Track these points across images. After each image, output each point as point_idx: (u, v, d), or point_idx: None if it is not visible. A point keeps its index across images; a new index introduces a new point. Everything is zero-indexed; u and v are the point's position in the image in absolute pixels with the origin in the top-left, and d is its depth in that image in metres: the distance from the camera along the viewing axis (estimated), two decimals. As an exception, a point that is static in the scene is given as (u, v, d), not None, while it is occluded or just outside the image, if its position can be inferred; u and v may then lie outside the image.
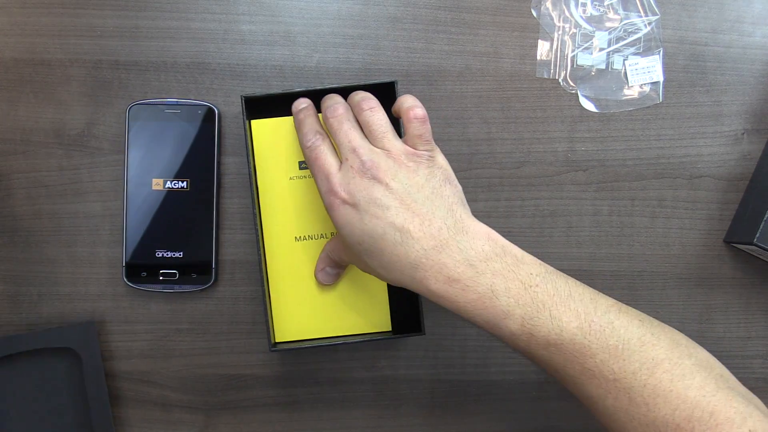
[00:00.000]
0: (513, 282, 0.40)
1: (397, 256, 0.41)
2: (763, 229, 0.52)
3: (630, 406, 0.38)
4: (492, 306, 0.40)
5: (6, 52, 0.54)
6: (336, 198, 0.42)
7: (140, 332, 0.55)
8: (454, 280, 0.40)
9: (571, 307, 0.40)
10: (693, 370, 0.38)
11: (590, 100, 0.57)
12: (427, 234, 0.41)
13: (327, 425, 0.56)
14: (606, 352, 0.39)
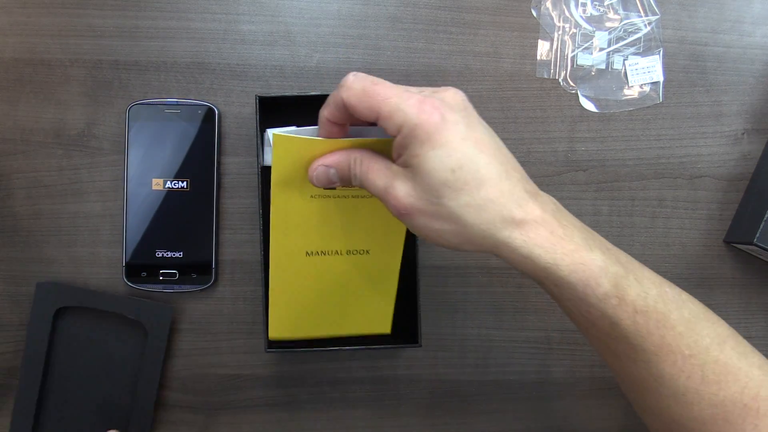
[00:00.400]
0: (596, 239, 0.37)
1: (499, 192, 0.35)
2: (763, 229, 0.52)
3: (701, 385, 0.37)
4: (589, 260, 0.36)
5: (6, 52, 0.54)
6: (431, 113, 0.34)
7: (140, 332, 0.55)
8: (551, 231, 0.35)
9: (646, 274, 0.38)
10: (751, 348, 0.39)
11: (590, 100, 0.57)
12: (523, 178, 0.36)
13: (327, 425, 0.56)
14: (683, 324, 0.37)
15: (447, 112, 0.35)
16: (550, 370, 0.57)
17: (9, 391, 0.54)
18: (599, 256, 0.36)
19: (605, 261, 0.36)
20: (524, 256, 0.35)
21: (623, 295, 0.36)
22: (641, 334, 0.36)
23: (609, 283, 0.36)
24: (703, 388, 0.37)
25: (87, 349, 0.54)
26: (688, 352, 0.37)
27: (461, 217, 0.35)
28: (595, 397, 0.57)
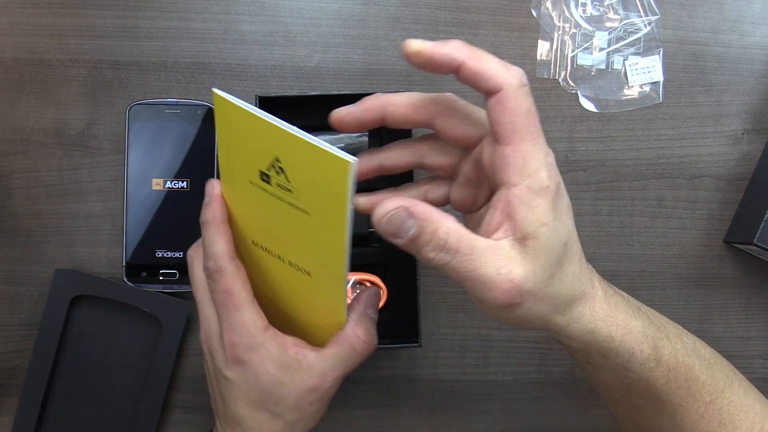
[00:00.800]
0: (633, 304, 0.37)
1: (579, 268, 0.33)
2: (763, 229, 0.52)
3: (719, 428, 0.39)
4: (634, 327, 0.35)
5: (6, 52, 0.54)
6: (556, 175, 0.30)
7: (140, 332, 0.55)
8: (605, 300, 0.34)
9: (669, 328, 0.38)
10: (747, 383, 0.41)
11: (590, 100, 0.57)
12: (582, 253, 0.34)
13: (327, 425, 0.56)
14: (704, 373, 0.38)
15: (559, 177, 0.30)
16: (550, 370, 0.57)
17: (10, 390, 0.54)
18: (640, 322, 0.36)
19: (644, 326, 0.36)
20: (588, 331, 0.34)
21: (659, 357, 0.36)
22: (671, 390, 0.37)
23: (649, 348, 0.36)
24: (720, 430, 0.39)
25: (99, 340, 0.54)
26: (709, 398, 0.38)
27: (558, 294, 0.31)
28: (595, 398, 0.57)
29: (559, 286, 0.31)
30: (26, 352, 0.53)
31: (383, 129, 0.55)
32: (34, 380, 0.52)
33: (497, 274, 0.29)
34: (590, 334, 0.34)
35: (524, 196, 0.29)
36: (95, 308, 0.54)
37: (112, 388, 0.54)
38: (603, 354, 0.35)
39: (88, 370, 0.54)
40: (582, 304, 0.33)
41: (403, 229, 0.30)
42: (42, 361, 0.52)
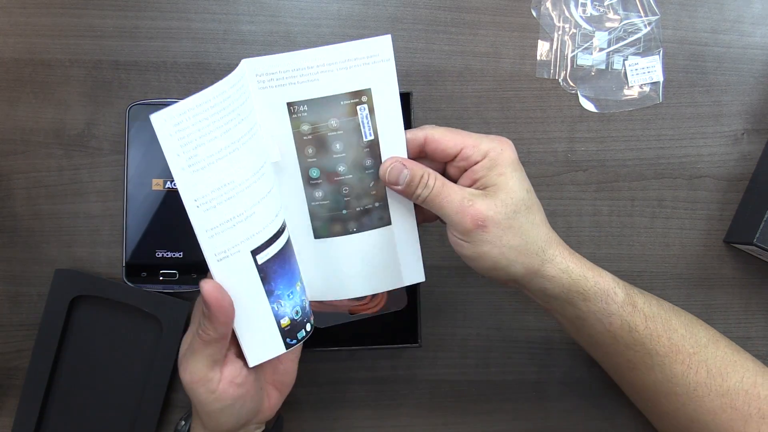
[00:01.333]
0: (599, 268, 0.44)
1: (543, 220, 0.42)
2: (763, 229, 0.52)
3: (708, 378, 0.43)
4: (603, 274, 0.43)
5: (6, 52, 0.54)
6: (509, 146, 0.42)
7: (140, 332, 0.55)
8: (572, 252, 0.43)
9: (640, 290, 0.44)
10: (737, 346, 0.45)
11: (590, 100, 0.57)
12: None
13: (327, 425, 0.56)
14: (683, 327, 0.44)
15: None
16: (550, 370, 0.57)
17: (10, 390, 0.54)
18: (607, 272, 0.43)
19: (613, 276, 0.43)
20: (562, 270, 0.41)
21: (635, 302, 0.43)
22: (653, 338, 0.43)
23: (622, 292, 0.43)
24: (710, 381, 0.43)
25: (99, 340, 0.54)
26: (692, 350, 0.43)
27: (528, 232, 0.41)
28: (594, 398, 0.57)
29: (526, 224, 0.41)
30: (26, 352, 0.53)
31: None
32: (34, 380, 0.52)
33: (461, 201, 0.40)
34: (565, 273, 0.41)
35: (486, 164, 0.41)
36: (95, 308, 0.54)
37: (112, 388, 0.54)
38: (583, 296, 0.42)
39: (88, 370, 0.54)
40: (553, 248, 0.42)
41: (402, 176, 0.41)
42: (42, 361, 0.52)
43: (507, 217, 0.40)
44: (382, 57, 0.39)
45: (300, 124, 0.41)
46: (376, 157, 0.42)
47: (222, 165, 0.37)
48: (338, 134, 0.41)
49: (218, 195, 0.37)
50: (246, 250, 0.39)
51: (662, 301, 0.45)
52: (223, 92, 0.37)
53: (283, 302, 0.42)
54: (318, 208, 0.43)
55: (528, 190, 0.41)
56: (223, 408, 0.41)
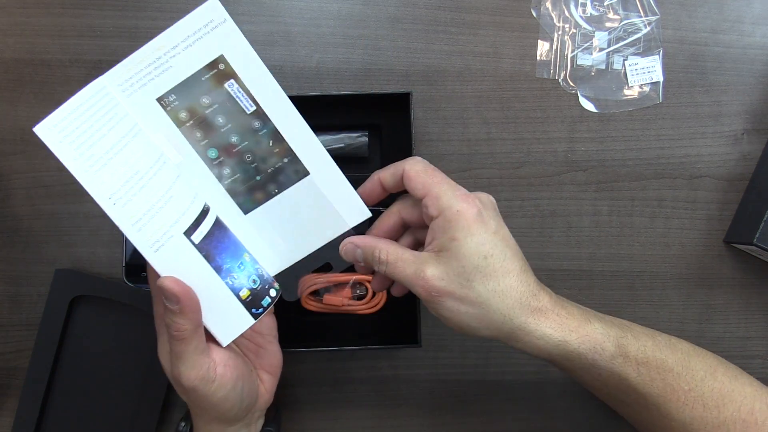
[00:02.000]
0: (590, 312, 0.43)
1: (519, 283, 0.39)
2: (763, 229, 0.52)
3: (704, 412, 0.42)
4: (592, 330, 0.41)
5: (6, 52, 0.54)
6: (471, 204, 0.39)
7: (140, 332, 0.55)
8: (554, 312, 0.40)
9: (638, 330, 0.43)
10: (736, 371, 0.44)
11: (590, 100, 0.57)
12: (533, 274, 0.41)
13: (327, 425, 0.56)
14: (679, 365, 0.43)
15: (483, 209, 0.40)
16: (550, 370, 0.57)
17: (10, 390, 0.54)
18: (598, 324, 0.42)
19: (604, 327, 0.42)
20: (537, 337, 0.40)
21: (626, 353, 0.42)
22: (646, 382, 0.42)
23: (612, 345, 0.41)
24: (706, 414, 0.42)
25: (99, 340, 0.54)
26: (687, 387, 0.42)
27: (487, 301, 0.39)
28: (595, 398, 0.57)
29: (484, 293, 0.39)
30: (26, 352, 0.54)
31: (383, 131, 0.55)
32: (34, 380, 0.52)
33: (414, 273, 0.39)
34: (541, 339, 0.40)
35: (441, 223, 0.39)
36: (95, 308, 0.54)
37: (112, 387, 0.54)
38: (565, 358, 0.41)
39: (88, 370, 0.54)
40: (525, 315, 0.39)
41: (357, 255, 0.42)
42: (42, 361, 0.52)
43: (461, 285, 0.38)
44: (217, 21, 0.40)
45: (177, 113, 0.41)
46: (263, 116, 0.41)
47: (121, 158, 0.38)
48: (215, 109, 0.41)
49: (129, 187, 0.38)
50: (178, 232, 0.39)
51: (658, 338, 0.44)
52: (89, 99, 0.38)
53: (236, 274, 0.42)
54: (233, 185, 0.43)
55: (486, 256, 0.38)
56: (227, 394, 0.41)
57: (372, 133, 0.55)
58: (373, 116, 0.54)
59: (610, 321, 0.43)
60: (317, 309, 0.52)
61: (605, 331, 0.41)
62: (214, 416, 0.42)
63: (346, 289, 0.52)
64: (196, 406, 0.43)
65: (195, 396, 0.41)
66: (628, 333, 0.43)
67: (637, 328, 0.44)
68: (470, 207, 0.39)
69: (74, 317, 0.53)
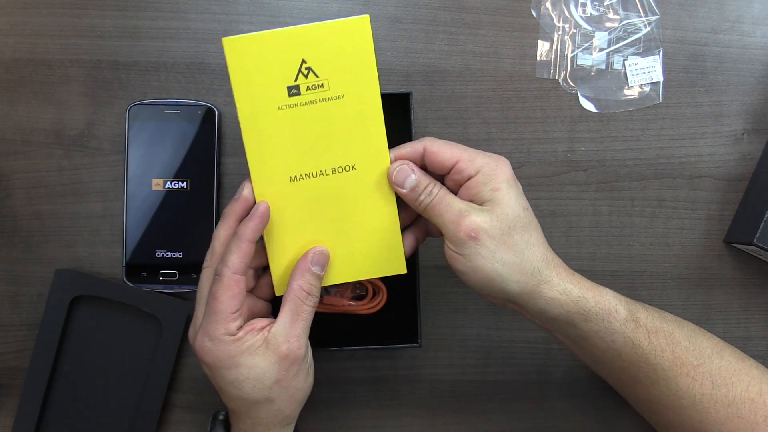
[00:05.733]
0: (599, 285, 0.43)
1: (542, 240, 0.42)
2: (763, 229, 0.52)
3: (713, 390, 0.42)
4: (605, 292, 0.43)
5: (6, 52, 0.54)
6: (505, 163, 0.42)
7: (140, 332, 0.55)
8: (571, 273, 0.42)
9: (642, 304, 0.44)
10: (742, 353, 0.45)
11: (590, 100, 0.57)
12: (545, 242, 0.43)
13: (327, 425, 0.56)
14: (686, 339, 0.43)
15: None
16: (550, 370, 0.57)
17: (10, 390, 0.54)
18: (609, 289, 0.43)
19: (614, 293, 0.43)
20: (560, 292, 0.41)
21: (637, 319, 0.43)
22: (657, 352, 0.43)
23: (625, 309, 0.42)
24: (715, 392, 0.42)
25: (99, 340, 0.54)
26: (696, 362, 0.43)
27: (522, 251, 0.41)
28: (595, 398, 0.57)
29: (521, 242, 0.40)
30: (26, 352, 0.54)
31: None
32: (34, 380, 0.52)
33: (458, 212, 0.40)
34: (563, 294, 0.41)
35: (481, 179, 0.41)
36: (95, 308, 0.54)
37: (112, 387, 0.54)
38: (584, 317, 0.42)
39: (88, 370, 0.54)
40: (550, 269, 0.41)
41: (408, 181, 0.42)
42: (42, 361, 0.52)
43: (501, 232, 0.40)
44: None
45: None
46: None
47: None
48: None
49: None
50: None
51: (664, 313, 0.45)
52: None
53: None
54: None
55: (525, 208, 0.41)
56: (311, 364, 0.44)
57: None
58: (373, 116, 0.54)
59: (616, 292, 0.44)
60: (317, 309, 0.52)
61: (616, 296, 0.43)
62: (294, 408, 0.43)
63: (346, 289, 0.52)
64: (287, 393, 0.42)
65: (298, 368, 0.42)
66: (636, 303, 0.44)
67: (643, 304, 0.45)
68: (506, 165, 0.42)
69: (74, 317, 0.53)
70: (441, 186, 0.42)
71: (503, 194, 0.41)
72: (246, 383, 0.40)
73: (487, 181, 0.41)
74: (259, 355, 0.40)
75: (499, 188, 0.41)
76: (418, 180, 0.42)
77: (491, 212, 0.40)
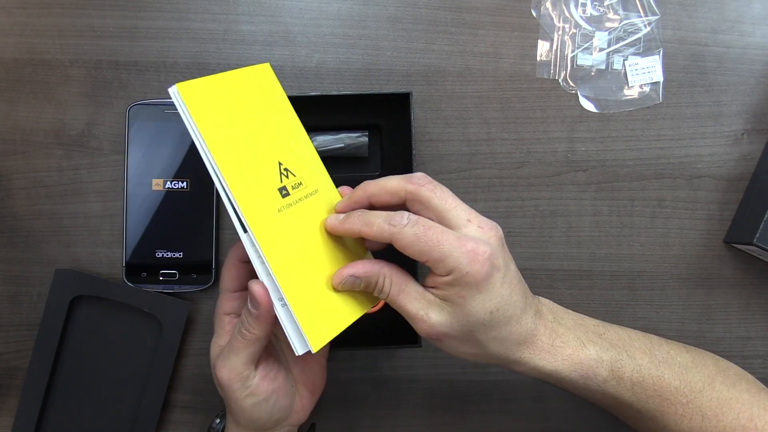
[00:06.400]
0: (588, 333, 0.43)
1: (519, 326, 0.40)
2: (763, 229, 0.52)
3: (703, 423, 0.43)
4: (585, 357, 0.42)
5: (6, 53, 0.54)
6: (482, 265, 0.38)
7: (140, 332, 0.55)
8: (551, 343, 0.41)
9: (636, 345, 0.44)
10: (736, 377, 0.45)
11: (590, 100, 0.57)
12: (529, 294, 0.42)
13: (327, 425, 0.56)
14: (676, 379, 0.43)
15: (494, 260, 0.38)
16: (550, 370, 0.57)
17: (10, 390, 0.54)
18: (593, 350, 0.42)
19: (598, 352, 0.42)
20: (531, 368, 0.41)
21: (620, 376, 0.42)
22: (642, 400, 0.43)
23: (605, 371, 0.42)
24: (705, 424, 0.43)
25: (99, 340, 0.54)
26: (685, 400, 0.43)
27: (487, 347, 0.40)
28: (595, 397, 0.57)
29: (485, 341, 0.39)
30: (26, 352, 0.54)
31: (383, 131, 0.55)
32: (34, 380, 0.52)
33: (416, 312, 0.39)
34: (535, 371, 0.41)
35: (449, 281, 0.38)
36: (95, 308, 0.54)
37: (112, 388, 0.54)
38: (558, 382, 0.42)
39: (88, 370, 0.54)
40: (521, 351, 0.41)
41: (355, 288, 0.41)
42: (42, 361, 0.52)
43: (462, 333, 0.39)
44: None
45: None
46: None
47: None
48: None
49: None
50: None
51: (656, 352, 0.44)
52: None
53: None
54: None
55: (492, 311, 0.38)
56: (257, 403, 0.42)
57: (372, 133, 0.55)
58: (373, 116, 0.54)
59: (608, 341, 0.43)
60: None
61: (599, 356, 0.42)
62: (241, 419, 0.44)
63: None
64: (227, 404, 0.44)
65: (226, 394, 0.42)
66: (624, 353, 0.43)
67: (635, 343, 0.44)
68: (481, 268, 0.38)
69: (74, 317, 0.53)
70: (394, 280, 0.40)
71: (467, 301, 0.38)
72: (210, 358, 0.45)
73: (453, 284, 0.38)
74: (214, 350, 0.44)
75: (464, 296, 0.38)
76: (366, 281, 0.40)
77: (452, 316, 0.39)
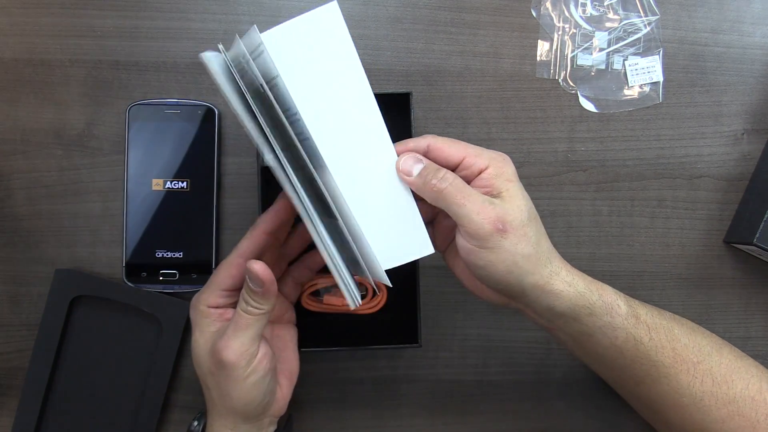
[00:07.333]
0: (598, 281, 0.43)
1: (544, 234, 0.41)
2: (762, 229, 0.52)
3: (713, 387, 0.42)
4: (605, 288, 0.42)
5: (6, 52, 0.54)
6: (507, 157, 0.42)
7: (140, 332, 0.55)
8: (573, 269, 0.42)
9: (641, 302, 0.44)
10: (740, 352, 0.45)
11: (590, 100, 0.57)
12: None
13: (327, 425, 0.56)
14: (685, 336, 0.43)
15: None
16: (550, 371, 0.57)
17: (10, 390, 0.54)
18: (607, 286, 0.43)
19: (613, 289, 0.43)
20: (568, 283, 0.41)
21: (637, 314, 0.42)
22: (657, 349, 0.42)
23: (625, 305, 0.42)
24: (716, 390, 0.42)
25: (99, 340, 0.54)
26: (696, 359, 0.43)
27: (537, 241, 0.40)
28: (595, 398, 0.57)
29: (536, 234, 0.40)
30: (26, 352, 0.54)
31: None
32: (34, 380, 0.52)
33: (483, 203, 0.39)
34: (571, 286, 0.40)
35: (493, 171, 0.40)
36: (95, 308, 0.54)
37: (112, 388, 0.54)
38: (588, 310, 0.41)
39: (88, 370, 0.54)
40: (557, 261, 0.41)
41: (416, 167, 0.40)
42: (42, 361, 0.52)
43: (522, 223, 0.39)
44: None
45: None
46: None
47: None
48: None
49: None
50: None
51: (662, 310, 0.45)
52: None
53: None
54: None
55: (530, 200, 0.41)
56: (257, 381, 0.42)
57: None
58: (373, 116, 0.54)
59: (618, 292, 0.44)
60: (317, 309, 0.52)
61: (615, 291, 0.43)
62: (231, 406, 0.43)
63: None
64: (218, 392, 0.43)
65: (226, 377, 0.41)
66: (634, 299, 0.44)
67: (638, 300, 0.45)
68: (509, 161, 0.41)
69: (74, 317, 0.53)
70: (453, 176, 0.40)
71: (517, 186, 0.40)
72: (193, 349, 0.44)
73: (499, 173, 0.40)
74: (204, 338, 0.43)
75: (512, 180, 0.40)
76: (427, 165, 0.40)
77: (511, 203, 0.39)
